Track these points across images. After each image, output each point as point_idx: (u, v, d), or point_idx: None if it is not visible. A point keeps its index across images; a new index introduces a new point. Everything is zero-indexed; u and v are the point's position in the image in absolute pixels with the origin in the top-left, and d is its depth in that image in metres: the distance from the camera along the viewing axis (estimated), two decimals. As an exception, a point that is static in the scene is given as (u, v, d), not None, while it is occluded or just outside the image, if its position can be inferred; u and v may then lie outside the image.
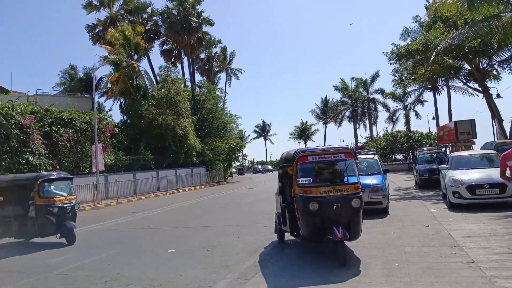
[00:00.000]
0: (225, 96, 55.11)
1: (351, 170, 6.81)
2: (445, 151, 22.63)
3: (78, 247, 9.63)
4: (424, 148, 24.39)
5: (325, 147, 7.20)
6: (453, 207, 11.29)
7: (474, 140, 27.25)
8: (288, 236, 7.82)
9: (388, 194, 11.84)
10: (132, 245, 9.31)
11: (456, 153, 13.67)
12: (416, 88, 45.62)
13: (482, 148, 17.62)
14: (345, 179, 6.74)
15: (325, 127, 74.51)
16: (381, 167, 12.37)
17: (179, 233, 10.58)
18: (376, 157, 13.26)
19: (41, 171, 21.02)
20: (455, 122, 27.43)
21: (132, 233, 11.17)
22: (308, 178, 6.71)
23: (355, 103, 57.49)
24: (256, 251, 7.68)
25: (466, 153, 13.75)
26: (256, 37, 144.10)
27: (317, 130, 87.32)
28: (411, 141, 45.28)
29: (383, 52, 22.33)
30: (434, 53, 17.17)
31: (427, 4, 36.30)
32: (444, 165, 12.87)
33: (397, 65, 23.53)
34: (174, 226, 11.99)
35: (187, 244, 8.87)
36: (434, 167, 18.32)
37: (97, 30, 40.30)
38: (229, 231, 10.26)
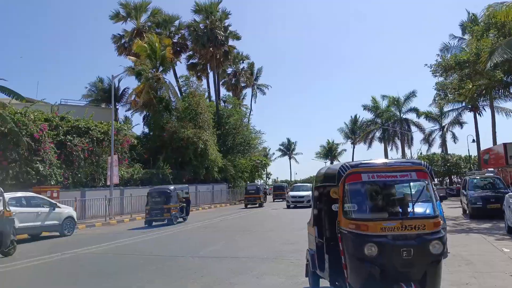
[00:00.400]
0: (250, 112, 53.74)
1: (426, 197, 4.67)
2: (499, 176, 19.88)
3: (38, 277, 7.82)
4: (476, 172, 21.68)
5: (387, 161, 5.07)
6: (530, 246, 8.93)
7: (527, 165, 24.41)
8: (324, 282, 5.69)
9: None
10: (113, 283, 7.38)
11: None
12: (454, 107, 42.59)
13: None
14: (416, 210, 4.62)
15: (353, 147, 71.50)
16: (435, 192, 10.04)
17: (184, 265, 8.60)
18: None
19: (52, 182, 19.76)
20: (505, 145, 24.71)
21: (128, 262, 9.28)
22: (361, 207, 4.64)
23: (387, 122, 54.57)
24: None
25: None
26: (284, 52, 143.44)
27: (345, 150, 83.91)
28: (448, 164, 42.26)
29: (425, 65, 20.15)
30: (489, 59, 14.92)
31: (466, 20, 34.00)
32: (513, 193, 10.47)
33: (441, 79, 21.26)
34: (182, 254, 10.03)
35: (190, 285, 6.88)
36: (489, 194, 15.82)
37: (123, 41, 39.77)
38: (246, 266, 8.17)
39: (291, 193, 28.91)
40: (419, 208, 4.66)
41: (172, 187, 18.85)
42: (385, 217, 4.51)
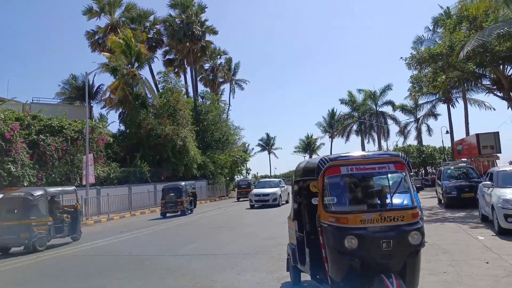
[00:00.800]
0: (228, 108, 53.57)
1: (404, 189, 4.67)
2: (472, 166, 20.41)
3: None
4: (450, 162, 22.21)
5: (365, 153, 5.03)
6: (504, 233, 9.20)
7: (499, 154, 25.19)
8: (306, 276, 5.69)
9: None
10: (96, 285, 7.18)
11: (502, 168, 11.57)
12: (429, 100, 43.57)
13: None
14: (394, 201, 4.61)
15: (331, 141, 72.26)
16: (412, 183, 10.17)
17: (163, 264, 8.45)
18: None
19: (25, 182, 19.13)
20: (477, 135, 25.40)
21: (107, 263, 9.05)
22: (340, 200, 4.60)
23: (363, 116, 55.37)
24: (262, 297, 5.60)
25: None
26: (261, 47, 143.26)
27: (323, 144, 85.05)
28: (423, 155, 43.29)
29: (401, 58, 20.34)
30: (463, 50, 15.24)
31: (438, 14, 34.73)
32: (488, 182, 10.75)
33: (415, 72, 21.59)
34: (161, 253, 9.84)
35: (169, 283, 6.77)
36: (463, 183, 16.21)
37: (97, 37, 38.80)
38: (227, 263, 8.08)
39: (255, 191, 24.48)
40: (397, 200, 4.67)
41: (183, 183, 21.66)
42: (364, 210, 4.50)
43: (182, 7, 40.12)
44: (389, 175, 4.75)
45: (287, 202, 24.09)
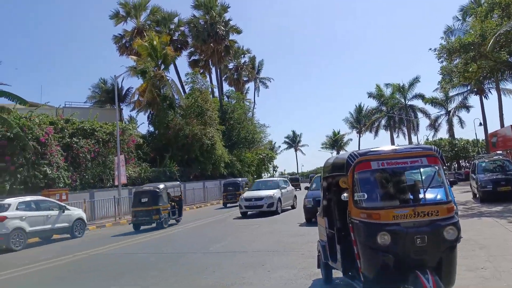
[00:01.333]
0: (254, 106, 53.68)
1: (438, 183, 4.53)
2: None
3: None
4: (484, 155, 21.44)
5: (396, 147, 4.88)
6: (544, 228, 8.81)
7: (537, 145, 24.13)
8: (337, 273, 5.62)
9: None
10: (130, 282, 7.38)
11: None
12: (460, 92, 42.17)
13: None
14: (428, 196, 4.49)
15: (359, 137, 71.15)
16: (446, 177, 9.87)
17: (195, 262, 8.57)
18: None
19: (60, 184, 19.86)
20: (513, 126, 24.42)
21: (140, 260, 9.27)
22: (371, 195, 4.51)
23: (392, 110, 54.20)
24: (295, 295, 5.58)
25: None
26: (284, 44, 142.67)
27: (351, 139, 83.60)
28: (456, 149, 42.02)
29: (430, 49, 19.90)
30: (494, 40, 14.66)
31: (468, 3, 33.52)
32: (526, 175, 10.32)
33: (446, 63, 20.98)
34: (192, 250, 10.02)
35: (200, 282, 6.83)
36: (499, 177, 15.64)
37: (124, 41, 39.76)
38: (257, 260, 8.09)
39: (246, 194, 19.00)
40: (431, 194, 4.54)
41: (161, 186, 16.35)
42: (397, 205, 4.40)
43: (205, 8, 40.56)
44: (422, 169, 4.63)
45: (293, 207, 19.75)
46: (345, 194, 4.65)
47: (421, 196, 4.53)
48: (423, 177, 4.62)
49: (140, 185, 25.33)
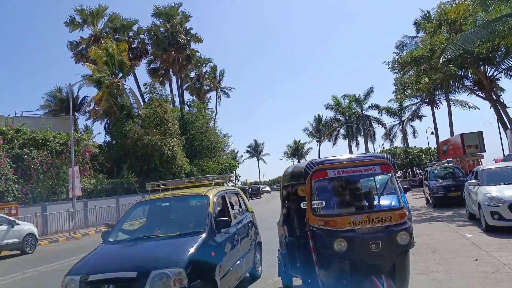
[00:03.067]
0: (215, 115, 53.57)
1: (391, 190, 4.72)
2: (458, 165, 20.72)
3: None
4: (436, 162, 22.51)
5: (351, 156, 5.03)
6: (491, 230, 9.32)
7: (483, 153, 25.61)
8: (298, 281, 5.66)
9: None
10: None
11: (486, 166, 11.76)
12: (413, 102, 44.21)
13: (505, 160, 15.82)
14: (382, 203, 4.67)
15: (319, 145, 72.67)
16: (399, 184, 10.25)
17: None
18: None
19: (9, 198, 18.78)
20: (462, 135, 25.80)
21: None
22: (328, 203, 4.60)
23: (349, 120, 55.90)
24: (254, 304, 5.51)
25: (496, 165, 11.84)
26: (246, 54, 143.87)
27: (311, 148, 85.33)
28: (410, 157, 43.77)
29: (384, 62, 20.74)
30: (443, 54, 15.55)
31: (420, 17, 35.39)
32: (474, 180, 10.92)
33: (399, 75, 21.96)
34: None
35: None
36: (450, 183, 16.44)
37: (80, 48, 38.48)
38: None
39: None
40: (384, 201, 4.72)
41: None
42: (353, 212, 4.53)
43: (166, 17, 40.17)
44: (376, 177, 4.81)
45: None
46: (305, 202, 4.71)
47: (375, 202, 4.70)
48: (377, 185, 4.81)
49: (97, 197, 24.47)
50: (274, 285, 6.43)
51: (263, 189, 67.27)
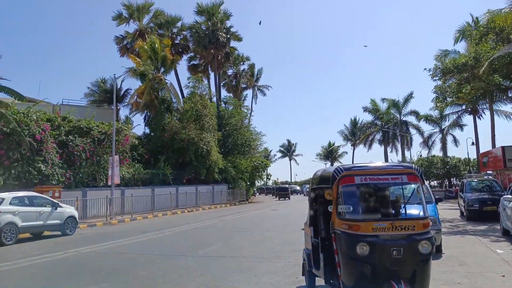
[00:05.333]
0: (250, 113, 53.97)
1: (416, 199, 4.91)
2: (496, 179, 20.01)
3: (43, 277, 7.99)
4: (473, 175, 21.85)
5: (378, 164, 5.15)
6: (524, 248, 9.12)
7: (525, 168, 24.51)
8: (320, 281, 5.82)
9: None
10: (119, 280, 7.56)
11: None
12: (454, 111, 42.76)
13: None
14: (408, 211, 4.83)
15: (354, 149, 71.61)
16: (432, 194, 10.20)
17: (184, 264, 8.77)
18: (425, 182, 11.05)
19: (53, 181, 19.94)
20: (503, 148, 24.83)
21: (129, 260, 9.44)
22: (354, 208, 4.80)
23: (386, 125, 54.69)
24: (278, 300, 5.79)
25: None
26: (284, 53, 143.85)
27: (345, 152, 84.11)
28: (447, 167, 42.37)
29: (425, 69, 20.31)
30: (487, 62, 15.09)
31: (466, 23, 34.16)
32: (510, 196, 10.65)
33: (440, 83, 21.42)
34: (181, 253, 10.19)
35: (189, 284, 7.03)
36: (486, 196, 16.01)
37: (125, 42, 40.04)
38: (243, 265, 8.35)
39: None
40: (409, 210, 4.90)
41: None
42: (377, 218, 4.69)
43: (208, 14, 41.00)
44: (403, 186, 4.94)
45: None
46: (332, 206, 4.92)
47: (400, 211, 4.85)
48: (404, 193, 4.95)
49: (133, 186, 25.50)
50: (298, 283, 6.66)
51: (293, 189, 67.22)
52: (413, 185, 5.04)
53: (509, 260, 8.08)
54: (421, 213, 4.72)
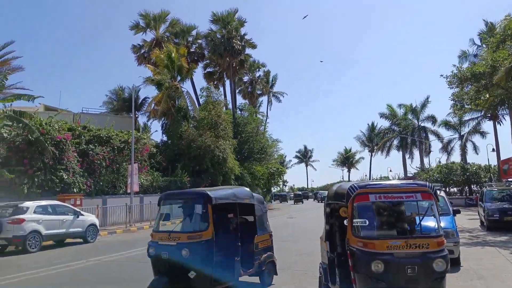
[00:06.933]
0: (266, 120, 54.17)
1: (431, 217, 4.95)
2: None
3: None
4: (492, 183, 21.46)
5: (393, 182, 5.28)
6: (545, 261, 8.97)
7: (548, 176, 23.99)
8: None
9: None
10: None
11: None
12: (473, 117, 42.00)
13: None
14: (424, 224, 4.95)
15: (371, 155, 70.91)
16: (449, 206, 10.14)
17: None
18: (442, 193, 10.95)
19: (75, 189, 20.47)
20: (524, 155, 24.32)
21: (142, 270, 9.65)
22: (368, 226, 4.89)
23: (404, 131, 54.03)
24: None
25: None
26: (298, 60, 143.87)
27: (362, 158, 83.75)
28: (467, 174, 41.42)
29: (441, 75, 20.19)
30: (504, 69, 14.91)
31: (481, 30, 33.65)
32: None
33: (457, 90, 21.21)
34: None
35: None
36: (506, 206, 15.74)
37: (142, 51, 40.82)
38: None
39: None
40: (423, 227, 4.94)
41: None
42: (391, 236, 4.80)
43: (223, 23, 41.49)
44: (417, 203, 5.04)
45: None
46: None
47: (414, 228, 4.93)
48: (418, 211, 5.03)
49: (152, 193, 25.90)
50: None
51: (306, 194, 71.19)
52: (425, 202, 5.09)
53: (528, 274, 7.99)
54: (435, 231, 4.82)
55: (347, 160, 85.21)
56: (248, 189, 7.90)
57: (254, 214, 7.47)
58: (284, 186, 79.92)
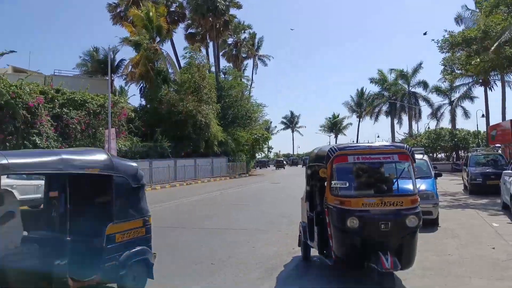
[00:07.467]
0: (251, 84, 53.13)
1: (407, 177, 5.27)
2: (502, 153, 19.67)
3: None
4: (478, 148, 21.53)
5: (371, 144, 5.53)
6: (520, 221, 9.00)
7: (533, 141, 24.06)
8: (315, 251, 6.11)
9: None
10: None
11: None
12: (464, 82, 41.44)
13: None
14: (397, 188, 5.23)
15: (359, 121, 70.66)
16: (431, 169, 10.02)
17: (184, 237, 8.80)
18: (425, 157, 10.87)
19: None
20: (512, 121, 24.29)
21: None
22: (346, 185, 5.07)
23: (394, 96, 53.58)
24: (274, 269, 6.08)
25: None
26: (286, 22, 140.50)
27: (350, 124, 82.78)
28: (456, 139, 41.61)
29: (432, 40, 19.66)
30: (497, 42, 14.45)
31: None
32: (510, 170, 10.44)
33: (448, 55, 20.73)
34: (182, 225, 10.24)
35: (188, 255, 7.11)
36: (489, 170, 15.82)
37: (118, 9, 38.74)
38: (243, 237, 8.49)
39: None
40: (399, 187, 5.25)
41: None
42: (367, 194, 5.04)
43: (205, -20, 39.45)
44: (395, 165, 5.32)
45: None
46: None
47: (392, 187, 5.20)
48: (395, 171, 5.31)
49: (130, 159, 25.27)
50: (294, 253, 6.82)
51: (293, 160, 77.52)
52: (402, 163, 5.28)
53: (502, 233, 8.16)
54: (410, 190, 5.12)
55: (334, 126, 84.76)
56: (104, 152, 5.39)
57: (111, 192, 4.77)
58: (269, 152, 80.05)
